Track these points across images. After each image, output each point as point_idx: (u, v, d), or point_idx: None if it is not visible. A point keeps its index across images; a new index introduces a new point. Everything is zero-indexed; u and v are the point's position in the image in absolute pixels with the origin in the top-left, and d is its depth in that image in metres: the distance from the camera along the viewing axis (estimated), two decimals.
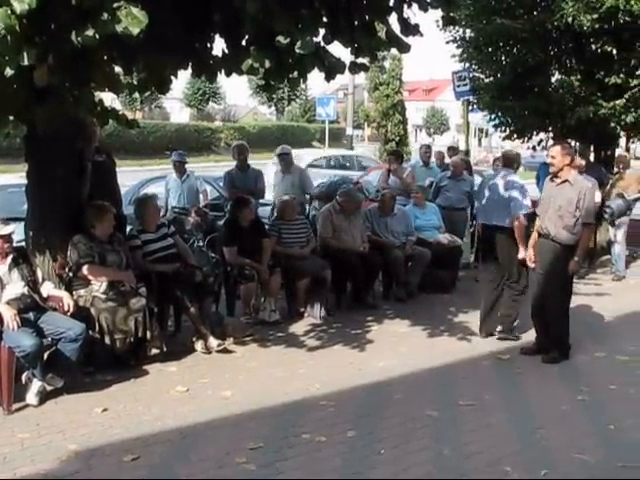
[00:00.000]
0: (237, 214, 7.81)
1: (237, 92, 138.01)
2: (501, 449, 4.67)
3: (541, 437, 4.89)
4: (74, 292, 5.91)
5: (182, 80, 64.58)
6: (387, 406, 5.40)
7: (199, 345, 6.59)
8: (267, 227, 8.21)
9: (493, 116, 12.81)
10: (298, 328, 7.55)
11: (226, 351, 6.54)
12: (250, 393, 5.59)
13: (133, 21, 4.26)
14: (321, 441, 4.71)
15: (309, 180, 10.01)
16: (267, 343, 6.99)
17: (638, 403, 5.57)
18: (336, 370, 6.20)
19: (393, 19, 6.13)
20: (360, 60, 6.28)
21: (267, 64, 5.27)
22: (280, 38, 5.09)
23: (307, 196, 10.07)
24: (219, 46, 5.84)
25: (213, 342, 6.51)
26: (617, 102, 10.66)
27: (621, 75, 10.86)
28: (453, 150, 12.26)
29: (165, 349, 6.33)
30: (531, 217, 7.02)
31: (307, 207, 9.99)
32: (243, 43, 5.61)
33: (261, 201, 9.75)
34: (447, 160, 11.59)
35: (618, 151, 12.69)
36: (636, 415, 5.28)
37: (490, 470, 4.36)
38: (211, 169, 21.93)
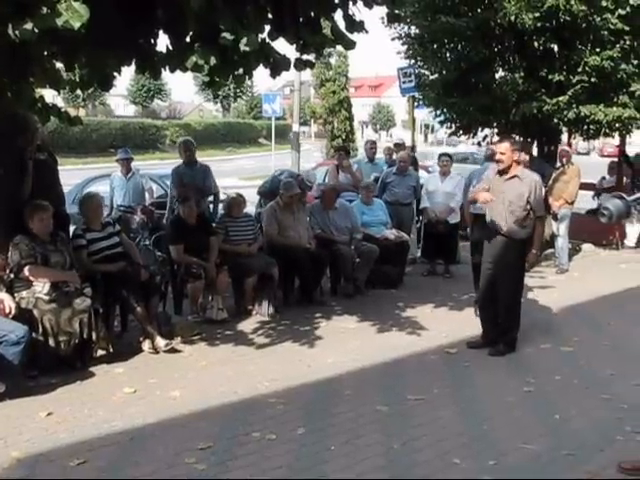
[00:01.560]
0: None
1: (182, 89, 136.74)
2: (450, 441, 4.72)
3: (489, 428, 4.96)
4: (16, 294, 5.77)
5: (126, 76, 63.79)
6: (337, 402, 5.41)
7: (146, 345, 6.51)
8: (214, 224, 8.16)
9: (438, 112, 12.95)
10: (246, 326, 7.52)
11: (174, 350, 6.48)
12: (199, 392, 5.54)
13: (74, 15, 4.18)
14: (271, 439, 4.69)
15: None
16: (215, 342, 6.94)
17: (582, 393, 5.69)
18: (285, 367, 6.19)
19: (338, 16, 6.15)
20: (306, 57, 6.29)
21: (212, 61, 5.25)
22: (225, 35, 5.07)
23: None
24: (163, 42, 5.79)
25: (161, 342, 6.44)
26: (560, 99, 10.89)
27: (563, 72, 11.10)
28: (399, 146, 12.34)
29: (112, 350, 6.25)
30: None
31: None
32: (187, 40, 5.57)
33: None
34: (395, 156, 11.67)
35: (560, 146, 12.96)
36: (580, 405, 5.39)
37: (439, 462, 4.40)
38: (157, 167, 21.74)
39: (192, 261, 7.50)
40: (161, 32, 5.84)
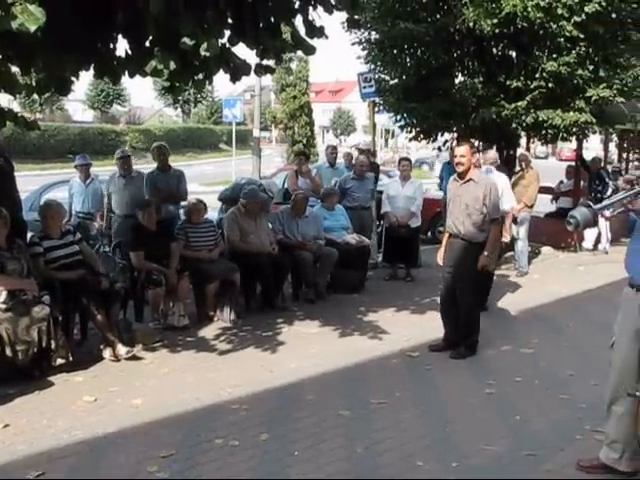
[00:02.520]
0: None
1: (142, 94, 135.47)
2: (413, 444, 4.74)
3: (451, 431, 4.99)
4: None
5: (84, 81, 63.14)
6: (299, 407, 5.40)
7: (107, 353, 6.43)
8: (175, 231, 8.11)
9: (399, 117, 13.02)
10: (208, 332, 7.48)
11: (135, 358, 6.42)
12: (161, 400, 5.49)
13: (30, 18, 4.11)
14: (234, 445, 4.67)
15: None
16: (177, 348, 6.89)
17: (542, 393, 5.76)
18: (247, 373, 6.17)
19: (298, 21, 6.16)
20: (266, 62, 6.28)
21: (172, 66, 5.20)
22: (185, 40, 5.03)
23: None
24: (122, 47, 5.73)
25: (121, 349, 6.37)
26: (518, 104, 11.04)
27: (521, 78, 11.26)
28: (365, 152, 12.33)
29: (71, 358, 6.14)
30: None
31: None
32: (147, 44, 5.51)
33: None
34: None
35: (519, 150, 13.15)
36: (540, 406, 5.46)
37: (402, 465, 4.42)
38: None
39: (153, 267, 7.44)
40: (120, 36, 5.78)
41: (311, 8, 6.04)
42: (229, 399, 5.53)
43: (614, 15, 10.97)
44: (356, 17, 8.40)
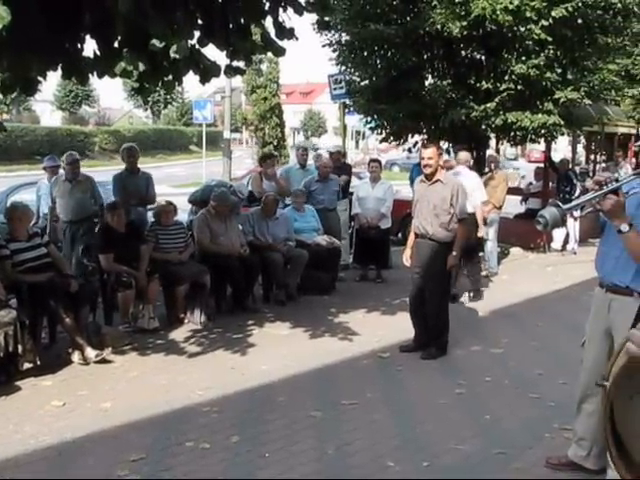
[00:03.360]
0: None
1: (112, 95, 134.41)
2: (384, 445, 4.76)
3: (422, 431, 5.02)
4: None
5: (53, 82, 62.46)
6: (271, 409, 5.39)
7: (76, 356, 6.37)
8: (145, 233, 8.05)
9: (369, 119, 13.06)
10: (178, 334, 7.44)
11: (105, 361, 6.36)
12: (131, 403, 5.44)
13: None
14: (205, 448, 4.65)
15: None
16: (147, 351, 6.84)
17: (512, 393, 5.81)
18: (218, 375, 6.14)
19: (269, 22, 6.16)
20: (236, 63, 6.27)
21: (141, 67, 5.17)
22: (154, 41, 5.01)
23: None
24: (90, 47, 5.67)
25: (91, 353, 6.31)
26: (487, 105, 11.12)
27: (490, 80, 11.34)
28: (336, 154, 12.31)
29: (39, 362, 6.08)
30: None
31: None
32: (116, 45, 5.47)
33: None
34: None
35: (489, 152, 13.25)
36: (509, 405, 5.51)
37: (373, 465, 4.44)
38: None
39: (122, 270, 7.38)
40: (88, 37, 5.72)
41: (281, 9, 6.04)
42: (200, 402, 5.50)
43: (581, 19, 11.11)
44: (326, 19, 8.44)
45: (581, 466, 4.25)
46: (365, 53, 12.33)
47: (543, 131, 11.69)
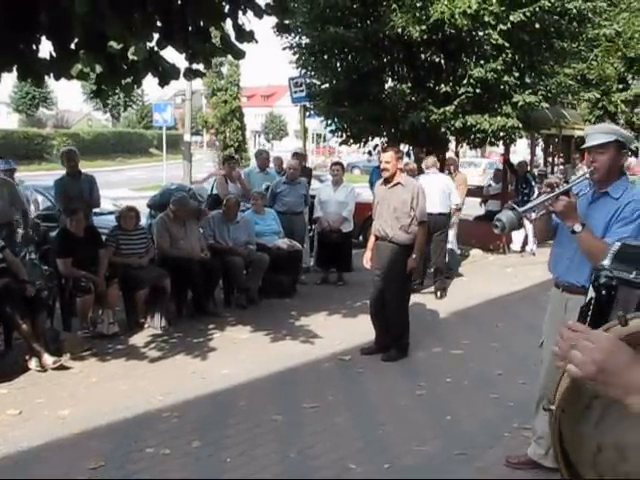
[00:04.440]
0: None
1: (70, 97, 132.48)
2: (345, 448, 4.76)
3: (383, 433, 5.03)
4: None
5: (8, 83, 61.41)
6: (232, 413, 5.36)
7: (33, 363, 6.26)
8: (105, 237, 7.95)
9: (329, 122, 13.08)
10: (138, 339, 7.36)
11: (63, 368, 6.26)
12: (89, 410, 5.37)
13: None
14: (165, 454, 4.60)
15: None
16: (106, 357, 6.76)
17: (472, 393, 5.87)
18: (179, 380, 6.10)
19: (228, 25, 6.13)
20: (195, 66, 6.23)
21: (98, 69, 5.11)
22: (112, 43, 4.95)
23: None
24: (47, 48, 5.59)
25: (48, 359, 6.21)
26: (447, 108, 11.22)
27: (449, 83, 11.44)
28: (298, 156, 12.33)
29: None
30: None
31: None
32: (72, 46, 5.40)
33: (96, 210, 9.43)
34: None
35: (448, 154, 13.36)
36: (470, 406, 5.56)
37: (335, 468, 4.44)
38: (43, 178, 20.92)
39: (81, 274, 7.28)
40: (44, 38, 5.64)
41: (241, 12, 6.03)
42: (160, 407, 5.45)
43: (538, 24, 11.28)
44: (286, 22, 8.42)
45: (540, 464, 4.31)
46: (325, 56, 12.34)
47: (502, 134, 11.83)
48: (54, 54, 5.53)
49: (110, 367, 6.50)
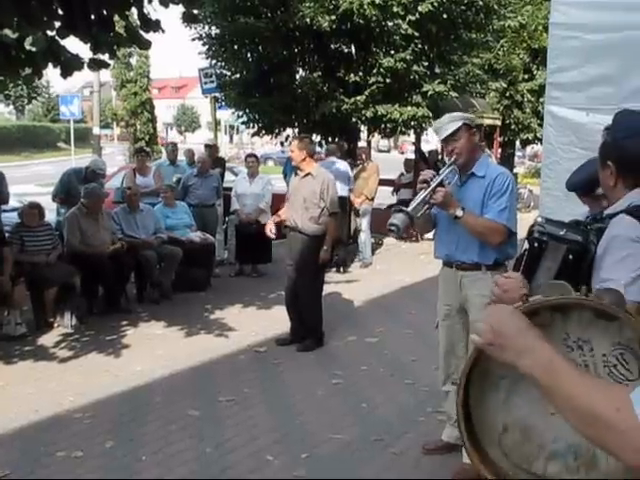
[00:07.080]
0: None
1: None
2: (263, 440, 4.75)
3: (300, 423, 5.04)
4: None
5: None
6: (147, 411, 5.26)
7: None
8: (7, 235, 7.66)
9: (241, 113, 13.00)
10: (48, 340, 7.13)
11: None
12: None
13: None
14: (78, 456, 4.48)
15: None
16: (13, 359, 6.51)
17: (387, 380, 5.95)
18: (91, 379, 5.94)
19: (134, 15, 5.99)
20: (100, 56, 6.06)
21: None
22: (7, 32, 4.76)
23: None
24: None
25: None
26: (357, 98, 11.32)
27: (360, 73, 11.53)
28: (211, 148, 12.17)
29: None
30: None
31: None
32: None
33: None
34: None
35: (360, 144, 13.47)
36: (385, 392, 5.64)
37: (253, 461, 4.42)
38: None
39: None
40: None
41: (146, 1, 5.90)
42: (71, 408, 5.29)
43: (446, 15, 11.49)
44: (194, 11, 8.29)
45: (456, 445, 4.38)
46: (235, 47, 12.27)
47: (412, 123, 12.03)
48: None
49: (18, 370, 6.26)
